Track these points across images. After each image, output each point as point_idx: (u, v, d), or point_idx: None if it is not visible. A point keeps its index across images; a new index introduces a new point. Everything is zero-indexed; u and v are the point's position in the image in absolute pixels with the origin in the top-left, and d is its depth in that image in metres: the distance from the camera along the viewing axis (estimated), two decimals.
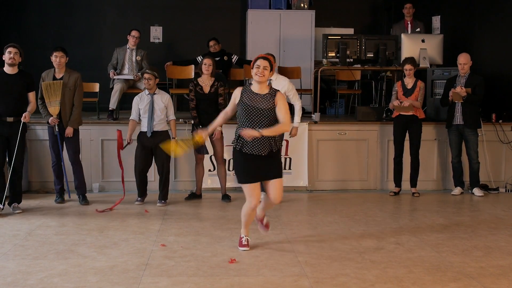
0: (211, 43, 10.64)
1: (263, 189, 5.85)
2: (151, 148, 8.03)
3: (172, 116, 8.14)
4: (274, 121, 5.55)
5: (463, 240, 6.38)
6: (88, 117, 9.55)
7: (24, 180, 8.73)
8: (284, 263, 5.46)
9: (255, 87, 5.60)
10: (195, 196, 8.50)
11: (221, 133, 8.22)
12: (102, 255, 5.68)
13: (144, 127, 8.03)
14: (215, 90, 8.19)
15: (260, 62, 5.54)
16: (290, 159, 9.14)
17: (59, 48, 7.92)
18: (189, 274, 5.14)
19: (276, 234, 6.48)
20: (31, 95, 7.61)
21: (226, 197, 8.41)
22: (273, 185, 5.63)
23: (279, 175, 5.66)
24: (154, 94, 8.07)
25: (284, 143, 8.74)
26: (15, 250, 5.82)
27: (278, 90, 5.67)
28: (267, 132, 5.43)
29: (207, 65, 8.20)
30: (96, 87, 9.98)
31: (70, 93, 7.91)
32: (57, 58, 7.84)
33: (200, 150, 8.31)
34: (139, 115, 8.10)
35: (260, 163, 5.56)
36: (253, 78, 5.58)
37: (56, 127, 7.88)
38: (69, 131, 7.88)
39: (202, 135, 5.67)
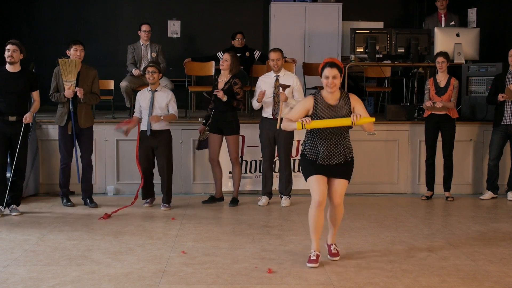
0: (239, 36, 10.62)
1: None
2: (152, 148, 8.06)
3: (173, 111, 8.08)
4: (348, 128, 5.58)
5: (501, 248, 6.31)
6: (103, 116, 9.63)
7: (34, 182, 8.83)
8: (309, 271, 5.44)
9: (327, 97, 5.55)
10: (214, 199, 8.49)
11: (239, 133, 8.36)
12: (117, 261, 5.70)
13: (144, 126, 8.05)
14: (229, 87, 8.19)
15: (329, 72, 5.44)
16: None
17: (77, 41, 7.96)
18: (209, 282, 5.14)
19: (300, 240, 6.46)
20: (35, 94, 7.70)
21: (234, 201, 8.39)
22: (336, 183, 5.62)
23: (345, 176, 5.65)
24: (156, 91, 8.05)
25: (295, 143, 8.80)
26: (26, 256, 5.86)
27: (349, 93, 5.65)
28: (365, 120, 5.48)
29: (222, 60, 8.26)
30: (111, 84, 10.04)
31: (87, 89, 7.96)
32: (77, 52, 7.87)
33: (200, 146, 8.40)
34: (141, 112, 8.15)
35: (331, 166, 5.58)
36: (325, 88, 5.52)
37: (70, 127, 7.92)
38: (80, 92, 7.81)
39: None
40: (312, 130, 5.58)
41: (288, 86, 7.93)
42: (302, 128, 5.40)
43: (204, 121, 8.45)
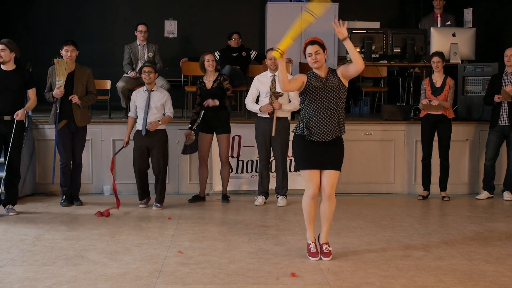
0: (235, 36, 10.60)
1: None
2: (148, 148, 8.05)
3: (168, 113, 8.11)
4: (342, 99, 5.74)
5: (497, 247, 6.32)
6: (99, 116, 9.62)
7: (31, 182, 8.82)
8: (305, 271, 5.44)
9: (317, 72, 5.75)
10: (198, 198, 8.57)
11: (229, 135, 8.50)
12: (114, 261, 5.70)
13: (139, 126, 8.05)
14: (218, 85, 8.29)
15: (310, 49, 5.68)
16: None
17: (69, 41, 7.94)
18: (205, 282, 5.14)
19: (297, 240, 6.47)
20: (31, 92, 7.66)
21: (225, 198, 8.53)
22: (328, 175, 5.72)
23: (336, 167, 5.75)
24: (152, 91, 8.06)
25: (291, 143, 8.77)
26: (23, 255, 5.85)
27: (335, 69, 5.86)
28: (349, 44, 5.61)
29: (210, 61, 8.29)
30: (108, 84, 10.03)
31: (82, 88, 7.96)
32: (67, 52, 7.86)
33: (186, 150, 8.45)
34: (137, 112, 8.14)
35: (322, 150, 5.69)
36: (311, 66, 5.74)
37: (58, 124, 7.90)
38: (75, 99, 7.84)
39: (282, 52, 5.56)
40: (307, 107, 5.72)
41: (282, 95, 7.97)
42: (281, 54, 5.50)
43: (190, 125, 8.45)
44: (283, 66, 5.62)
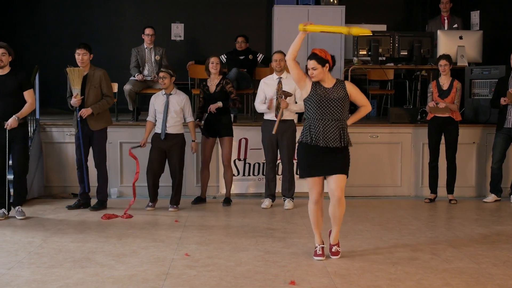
0: (240, 39, 10.59)
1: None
2: (165, 151, 8.08)
3: (189, 118, 8.21)
4: (345, 111, 5.76)
5: (505, 250, 6.30)
6: None
7: (39, 185, 8.84)
8: (312, 274, 5.44)
9: (323, 84, 5.82)
10: (200, 200, 8.62)
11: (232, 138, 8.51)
12: (121, 263, 5.71)
13: (158, 129, 8.10)
14: (221, 89, 8.34)
15: (309, 64, 5.79)
16: None
17: (81, 45, 7.92)
18: (212, 285, 5.14)
19: (303, 243, 6.46)
20: (27, 94, 7.54)
21: (227, 201, 8.55)
22: (335, 179, 5.79)
23: (342, 171, 5.81)
24: (170, 94, 8.10)
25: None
26: (30, 258, 5.87)
27: (345, 81, 5.93)
28: (352, 120, 5.97)
29: (214, 63, 8.33)
30: (115, 87, 10.04)
31: (95, 91, 7.92)
32: (79, 56, 7.85)
33: None
34: (156, 116, 8.17)
35: (326, 157, 5.73)
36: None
37: (78, 124, 7.87)
38: (85, 112, 7.81)
39: None
40: (310, 115, 5.77)
41: (291, 95, 7.98)
42: (304, 30, 5.78)
43: (197, 119, 8.54)
44: (300, 39, 5.80)
